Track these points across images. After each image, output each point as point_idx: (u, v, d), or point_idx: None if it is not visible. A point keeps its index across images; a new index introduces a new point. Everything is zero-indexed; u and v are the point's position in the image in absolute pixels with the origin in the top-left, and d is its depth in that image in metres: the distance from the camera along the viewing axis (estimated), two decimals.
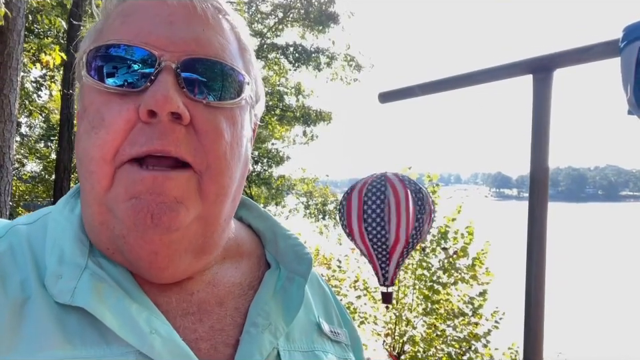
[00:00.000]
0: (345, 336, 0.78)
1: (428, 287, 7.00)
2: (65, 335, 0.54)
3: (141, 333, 0.55)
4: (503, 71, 1.45)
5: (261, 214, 0.81)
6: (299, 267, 0.73)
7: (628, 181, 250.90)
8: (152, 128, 0.56)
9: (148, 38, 0.58)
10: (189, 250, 0.62)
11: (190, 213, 0.58)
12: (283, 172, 13.95)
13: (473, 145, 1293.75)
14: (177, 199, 0.56)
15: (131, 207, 0.56)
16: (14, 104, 4.51)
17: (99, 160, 0.57)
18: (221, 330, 0.64)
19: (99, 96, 0.59)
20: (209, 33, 0.61)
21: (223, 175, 0.61)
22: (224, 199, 0.62)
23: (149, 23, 0.59)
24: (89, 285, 0.57)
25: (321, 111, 13.37)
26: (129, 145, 0.56)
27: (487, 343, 6.71)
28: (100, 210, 0.60)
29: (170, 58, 0.57)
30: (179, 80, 0.57)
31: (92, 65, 0.59)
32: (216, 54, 0.60)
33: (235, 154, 0.62)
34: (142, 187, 0.55)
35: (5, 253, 0.61)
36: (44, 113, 10.91)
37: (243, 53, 0.67)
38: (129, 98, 0.57)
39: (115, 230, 0.59)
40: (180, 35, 0.59)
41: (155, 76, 0.57)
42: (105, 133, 0.57)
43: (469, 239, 7.01)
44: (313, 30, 12.89)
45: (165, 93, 0.55)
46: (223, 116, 0.61)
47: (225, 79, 0.61)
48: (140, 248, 0.59)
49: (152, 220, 0.55)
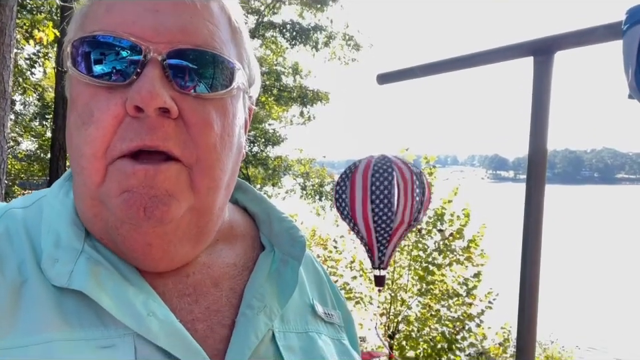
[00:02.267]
0: (338, 317, 0.79)
1: (423, 267, 7.07)
2: (62, 316, 0.54)
3: (138, 316, 0.55)
4: (503, 52, 1.43)
5: (256, 197, 0.81)
6: (293, 249, 0.73)
7: (624, 163, 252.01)
8: (140, 123, 0.55)
9: (132, 28, 0.56)
10: (184, 240, 0.62)
11: (182, 206, 0.58)
12: (279, 152, 13.94)
13: (471, 126, 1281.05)
14: (168, 191, 0.56)
15: (124, 201, 0.55)
16: (7, 81, 4.44)
17: (89, 157, 0.56)
18: (217, 311, 0.64)
19: (86, 89, 0.57)
20: (196, 20, 0.58)
21: (214, 168, 0.60)
22: (216, 190, 0.62)
23: (133, 11, 0.57)
24: (86, 269, 0.57)
25: (318, 91, 13.28)
26: (119, 140, 0.55)
27: (480, 322, 6.83)
28: (93, 203, 0.59)
29: (156, 49, 0.55)
30: (166, 72, 0.56)
31: (77, 56, 0.58)
32: (205, 42, 0.58)
33: (226, 145, 0.61)
34: (134, 180, 0.55)
35: (2, 236, 0.60)
36: (38, 90, 10.78)
37: (234, 35, 0.65)
38: (116, 91, 0.56)
39: (108, 222, 0.59)
40: (166, 25, 0.56)
41: (140, 69, 0.55)
42: (94, 129, 0.56)
43: (464, 221, 7.06)
44: (311, 8, 12.71)
45: (150, 89, 0.53)
46: (212, 107, 0.59)
47: (214, 68, 0.59)
48: (133, 240, 0.59)
49: (144, 213, 0.55)
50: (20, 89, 9.25)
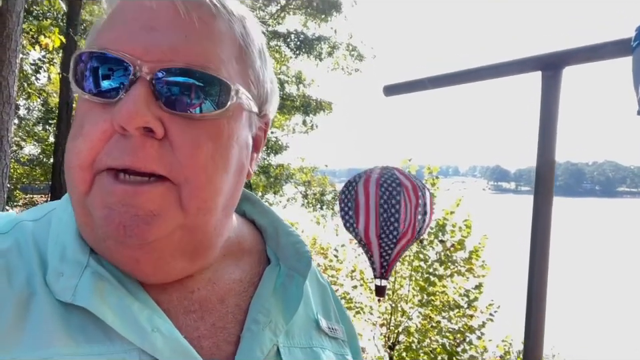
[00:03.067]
0: (342, 332, 0.79)
1: (424, 278, 7.03)
2: (68, 331, 0.54)
3: (143, 331, 0.55)
4: (512, 66, 1.43)
5: (264, 209, 0.81)
6: (299, 264, 0.73)
7: (625, 177, 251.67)
8: (126, 142, 0.54)
9: (125, 45, 0.55)
10: (177, 255, 0.61)
11: (169, 224, 0.57)
12: (281, 161, 13.95)
13: (472, 137, 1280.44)
14: (152, 212, 0.55)
15: (104, 217, 0.55)
16: (12, 86, 4.46)
17: (76, 167, 0.57)
18: (222, 327, 0.64)
19: (84, 103, 0.58)
20: (191, 38, 0.57)
21: (203, 189, 0.58)
22: (208, 211, 0.60)
23: (128, 28, 0.57)
24: (90, 284, 0.57)
25: (321, 100, 13.32)
26: (105, 154, 0.55)
27: (481, 335, 6.77)
28: (83, 212, 0.59)
29: (145, 68, 0.55)
30: (154, 91, 0.55)
31: (76, 72, 0.58)
32: (196, 61, 0.56)
33: (219, 166, 0.59)
34: (114, 198, 0.54)
35: (12, 248, 0.60)
36: (42, 95, 10.84)
37: (240, 53, 0.63)
38: (107, 108, 0.56)
39: (97, 232, 0.58)
40: (158, 43, 0.55)
41: (129, 87, 0.55)
42: (81, 141, 0.56)
43: (466, 232, 7.03)
44: (315, 18, 12.79)
45: (131, 108, 0.53)
46: (203, 128, 0.57)
47: (205, 88, 0.57)
48: (120, 254, 0.58)
49: (125, 231, 0.54)
50: (25, 94, 9.29)
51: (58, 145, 8.81)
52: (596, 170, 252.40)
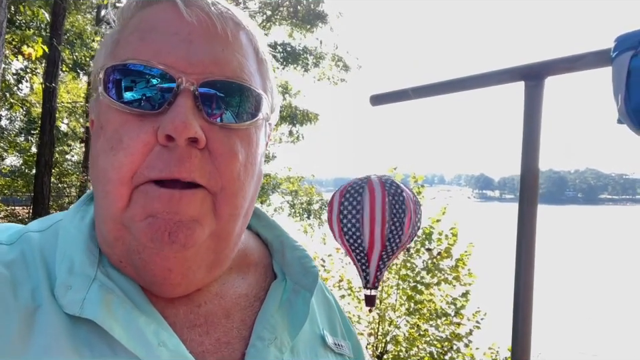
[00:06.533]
0: (348, 348, 0.78)
1: (411, 287, 7.05)
2: (74, 345, 0.54)
3: (149, 346, 0.55)
4: (495, 76, 1.46)
5: (269, 223, 0.81)
6: (305, 279, 0.73)
7: (607, 184, 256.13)
8: (170, 153, 0.56)
9: (167, 58, 0.57)
10: (202, 266, 0.62)
11: (205, 231, 0.58)
12: (268, 170, 13.92)
13: (457, 146, 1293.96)
14: (193, 217, 0.57)
15: (148, 225, 0.56)
16: None
17: (116, 182, 0.57)
18: (227, 343, 0.64)
19: (117, 116, 0.58)
20: (228, 52, 0.60)
21: (237, 196, 0.61)
22: (237, 217, 0.63)
23: (168, 42, 0.58)
24: (98, 297, 0.57)
25: (307, 111, 13.36)
26: (146, 168, 0.56)
27: (468, 342, 6.80)
28: (116, 227, 0.59)
29: (189, 80, 0.57)
30: (197, 103, 0.57)
31: (110, 83, 0.58)
32: (234, 74, 0.60)
33: (249, 173, 0.62)
34: (159, 204, 0.55)
35: (17, 260, 0.60)
36: (25, 106, 10.69)
37: (260, 66, 0.67)
38: (147, 119, 0.57)
39: (130, 245, 0.59)
40: (199, 56, 0.58)
41: (173, 98, 0.56)
42: (122, 155, 0.56)
43: (452, 240, 7.08)
44: (301, 29, 12.88)
45: (184, 119, 0.55)
46: (238, 137, 0.60)
47: (242, 99, 0.60)
48: (154, 264, 0.59)
49: (169, 237, 0.55)
50: (6, 104, 9.16)
51: (40, 155, 8.68)
52: (578, 178, 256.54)
